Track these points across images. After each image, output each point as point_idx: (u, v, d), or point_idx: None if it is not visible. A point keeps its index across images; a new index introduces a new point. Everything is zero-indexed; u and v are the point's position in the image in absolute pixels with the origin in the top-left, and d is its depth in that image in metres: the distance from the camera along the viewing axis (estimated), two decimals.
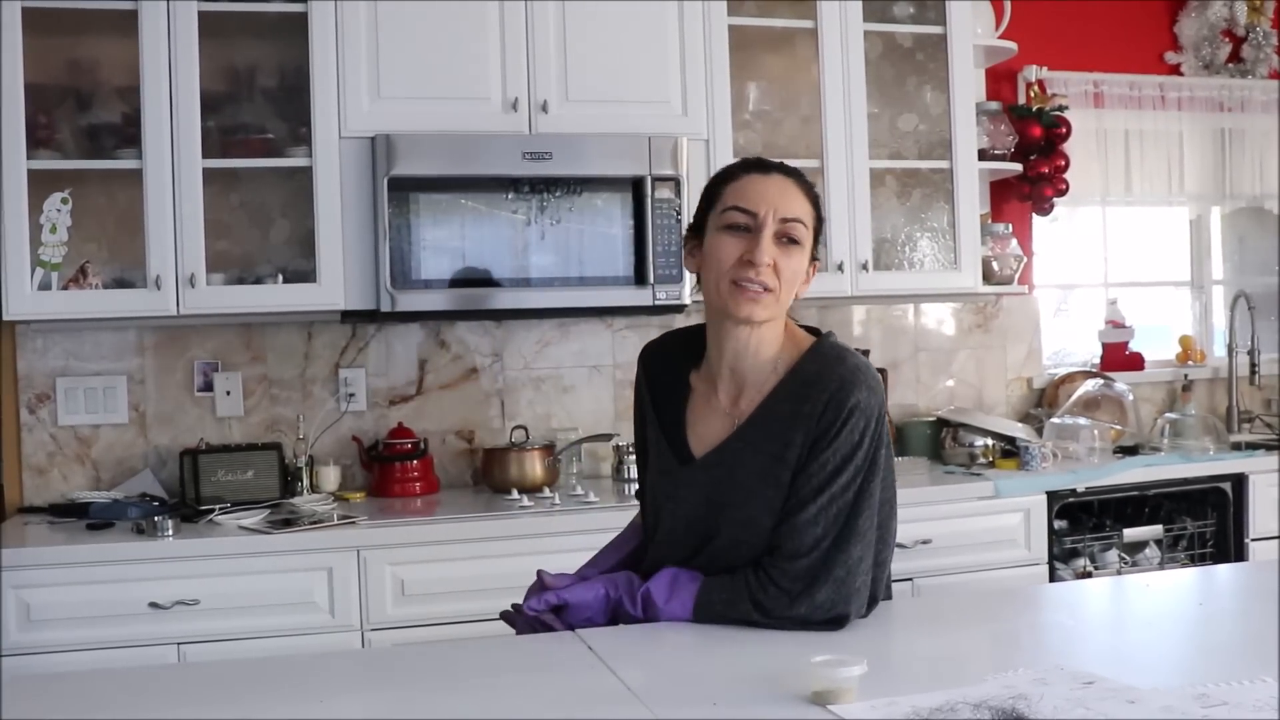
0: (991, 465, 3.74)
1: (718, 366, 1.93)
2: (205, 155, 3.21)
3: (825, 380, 1.83)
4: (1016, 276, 4.07)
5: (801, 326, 1.97)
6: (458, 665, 1.74)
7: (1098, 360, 4.46)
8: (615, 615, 1.89)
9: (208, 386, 3.56)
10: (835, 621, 1.80)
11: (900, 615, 2.01)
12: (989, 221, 4.09)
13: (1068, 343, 4.54)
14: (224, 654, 2.83)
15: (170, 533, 2.96)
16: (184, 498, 3.33)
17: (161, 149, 3.17)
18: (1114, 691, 1.46)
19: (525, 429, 3.62)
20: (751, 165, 1.93)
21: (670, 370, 2.01)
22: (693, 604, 1.84)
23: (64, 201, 3.22)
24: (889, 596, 1.98)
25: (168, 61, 3.16)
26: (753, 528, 1.85)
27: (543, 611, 1.88)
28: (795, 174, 1.92)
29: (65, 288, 3.19)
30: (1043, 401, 4.31)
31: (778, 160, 1.96)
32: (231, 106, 3.40)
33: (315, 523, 3.08)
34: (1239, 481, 3.79)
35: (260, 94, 3.45)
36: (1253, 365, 4.37)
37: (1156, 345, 4.59)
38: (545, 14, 3.38)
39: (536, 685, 1.65)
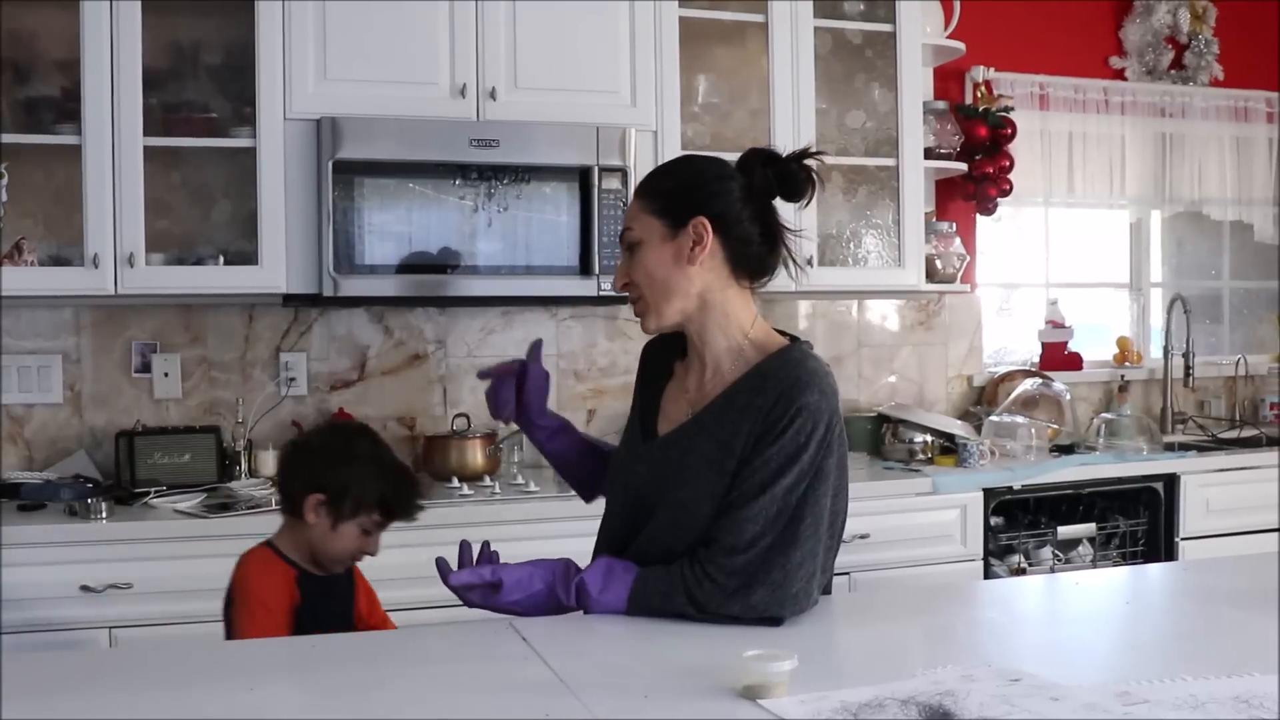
0: (930, 461, 3.79)
1: (691, 355, 2.00)
2: (147, 133, 3.16)
3: (780, 378, 1.86)
4: (959, 275, 4.12)
5: (782, 333, 1.99)
6: (391, 653, 1.73)
7: (1037, 359, 4.52)
8: (548, 603, 1.88)
9: (145, 367, 3.51)
10: (769, 621, 1.81)
11: (835, 610, 2.03)
12: (933, 220, 4.13)
13: (1008, 341, 4.60)
14: (157, 638, 2.80)
15: (104, 515, 2.92)
16: (119, 480, 3.29)
17: (102, 125, 3.12)
18: (1039, 689, 1.48)
19: (467, 417, 3.61)
20: None
21: (661, 358, 2.07)
22: (627, 595, 1.84)
23: None
24: (828, 592, 2.00)
25: (109, 36, 3.11)
26: (691, 511, 1.86)
27: (474, 585, 1.86)
28: (643, 180, 2.00)
29: None
30: (982, 399, 4.37)
31: (651, 171, 2.04)
32: (174, 84, 3.36)
33: (252, 507, 3.05)
34: (1170, 481, 3.86)
35: (204, 72, 3.40)
36: (1187, 367, 4.46)
37: (1095, 345, 4.66)
38: (495, 1, 3.36)
39: (469, 675, 1.65)
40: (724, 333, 1.94)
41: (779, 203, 1.99)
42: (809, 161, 1.95)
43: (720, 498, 1.84)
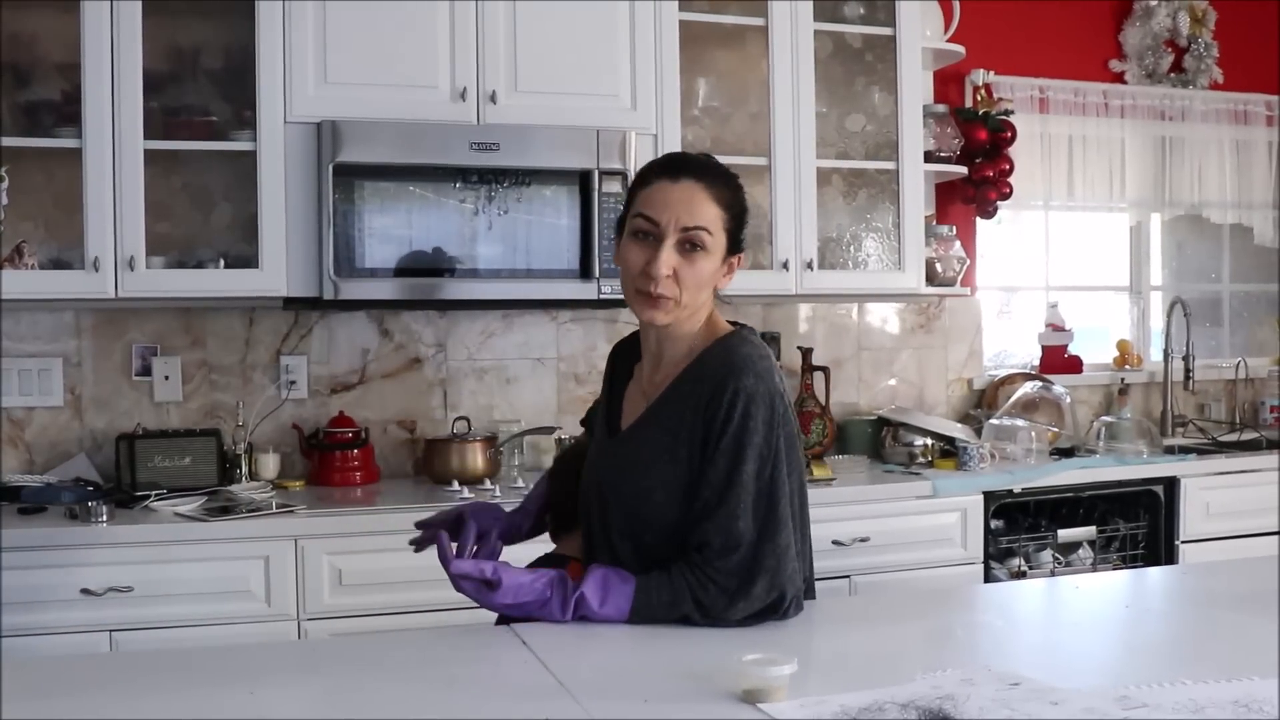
0: (930, 465, 3.79)
1: (646, 351, 2.03)
2: (147, 136, 3.16)
3: (716, 366, 1.90)
4: (959, 278, 4.12)
5: (730, 322, 2.02)
6: (391, 657, 1.73)
7: (1037, 362, 4.52)
8: (538, 614, 1.87)
9: (146, 370, 3.51)
10: (774, 606, 1.83)
11: (834, 613, 2.03)
12: (933, 223, 4.13)
13: (1008, 344, 4.60)
14: (157, 642, 2.80)
15: (104, 518, 2.92)
16: (119, 483, 3.29)
17: (102, 128, 3.12)
18: (1038, 693, 1.48)
19: (467, 420, 3.61)
20: (663, 169, 1.96)
21: (626, 361, 2.11)
22: (629, 607, 1.84)
23: None
24: (811, 595, 2.00)
25: (110, 39, 3.12)
26: (647, 499, 1.90)
27: (471, 575, 1.85)
28: (709, 174, 1.94)
29: (0, 267, 3.13)
30: (982, 402, 4.37)
31: (699, 157, 1.99)
32: (175, 87, 3.36)
33: (253, 510, 3.05)
34: (1170, 484, 3.86)
35: (204, 75, 3.41)
36: (1187, 370, 4.46)
37: (1095, 349, 4.66)
38: (495, 4, 3.36)
39: (470, 678, 1.65)
40: (685, 329, 1.97)
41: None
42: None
43: (673, 486, 1.88)
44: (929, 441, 3.84)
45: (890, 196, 3.87)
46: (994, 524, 3.66)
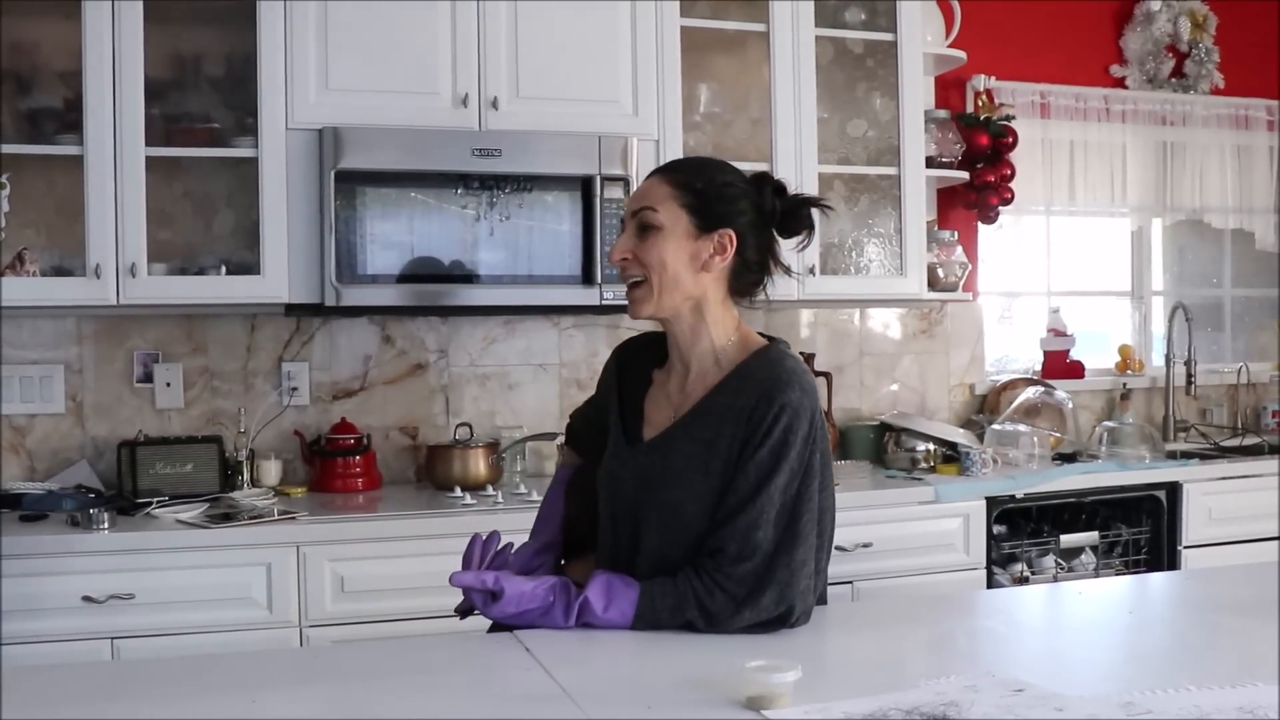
0: (933, 470, 3.78)
1: (672, 359, 2.02)
2: (149, 143, 3.17)
3: (760, 378, 1.89)
4: (961, 283, 4.12)
5: (761, 334, 2.01)
6: (393, 664, 1.73)
7: (1039, 367, 4.51)
8: (541, 622, 1.87)
9: (147, 377, 3.51)
10: (781, 618, 1.82)
11: (837, 619, 2.03)
12: (935, 228, 4.13)
13: (1010, 349, 4.59)
14: (159, 649, 2.80)
15: (106, 525, 2.92)
16: (121, 490, 3.29)
17: (104, 135, 3.12)
18: (1042, 699, 1.48)
19: (469, 426, 3.61)
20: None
21: (638, 364, 2.09)
22: (633, 612, 1.83)
23: (0, 187, 3.16)
24: (823, 601, 2.00)
25: (111, 46, 3.12)
26: (677, 512, 1.88)
27: (474, 587, 1.86)
28: (674, 167, 2.02)
29: (1, 274, 3.13)
30: (984, 407, 4.36)
31: (679, 160, 2.05)
32: (176, 94, 3.36)
33: (255, 517, 3.05)
34: (1173, 490, 3.85)
35: (206, 82, 3.41)
36: (1189, 375, 4.46)
37: (1097, 354, 4.66)
38: (497, 10, 3.37)
39: (472, 685, 1.65)
40: (709, 337, 1.96)
41: None
42: (815, 209, 2.02)
43: (706, 498, 1.86)
44: (931, 447, 3.83)
45: (892, 202, 3.87)
46: (996, 529, 3.65)
